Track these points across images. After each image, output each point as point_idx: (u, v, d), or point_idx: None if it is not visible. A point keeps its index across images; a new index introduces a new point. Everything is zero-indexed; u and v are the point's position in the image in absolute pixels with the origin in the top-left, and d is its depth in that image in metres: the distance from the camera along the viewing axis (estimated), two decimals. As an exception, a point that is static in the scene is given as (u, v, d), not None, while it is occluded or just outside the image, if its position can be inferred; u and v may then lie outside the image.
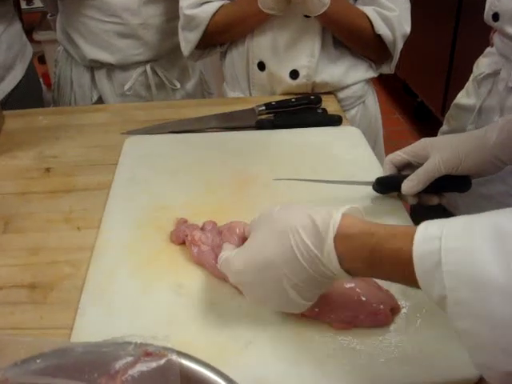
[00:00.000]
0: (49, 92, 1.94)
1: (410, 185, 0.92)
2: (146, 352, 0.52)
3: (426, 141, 0.94)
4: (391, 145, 1.38)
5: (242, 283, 0.72)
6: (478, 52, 1.36)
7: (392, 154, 0.97)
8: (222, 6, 1.34)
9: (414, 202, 0.95)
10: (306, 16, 1.28)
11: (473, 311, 0.49)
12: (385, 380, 0.67)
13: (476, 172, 0.91)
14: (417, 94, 3.51)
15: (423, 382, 0.68)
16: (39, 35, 2.87)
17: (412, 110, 3.64)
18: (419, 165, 0.92)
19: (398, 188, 0.93)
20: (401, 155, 0.96)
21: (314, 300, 0.69)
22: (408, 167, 0.97)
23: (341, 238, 0.61)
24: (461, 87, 1.40)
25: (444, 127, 1.43)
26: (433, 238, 0.52)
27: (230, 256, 0.71)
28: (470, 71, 1.37)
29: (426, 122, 3.45)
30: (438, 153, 0.90)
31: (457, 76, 2.96)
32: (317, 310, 0.72)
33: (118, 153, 1.13)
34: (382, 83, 3.86)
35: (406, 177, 0.92)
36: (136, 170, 1.06)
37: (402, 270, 0.55)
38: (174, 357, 0.52)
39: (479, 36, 1.34)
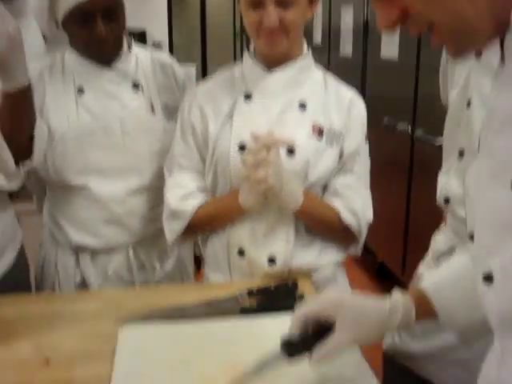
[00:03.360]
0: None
1: (318, 358, 0.98)
2: None
3: (327, 301, 1.02)
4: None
5: None
6: (432, 212, 1.51)
7: (296, 317, 1.02)
8: (204, 201, 1.49)
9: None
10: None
11: None
12: None
13: (371, 342, 1.02)
14: (376, 255, 3.68)
15: None
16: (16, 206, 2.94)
17: (375, 270, 3.81)
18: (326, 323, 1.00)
19: (305, 348, 1.01)
20: (302, 319, 1.02)
21: None
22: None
23: None
24: (418, 248, 1.51)
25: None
26: None
27: None
28: (426, 232, 1.52)
29: (388, 281, 3.58)
30: (342, 324, 0.98)
31: (413, 238, 3.15)
32: None
33: (113, 342, 1.20)
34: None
35: (312, 337, 1.00)
36: (134, 363, 1.13)
37: None
38: None
39: (431, 197, 1.47)
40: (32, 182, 1.86)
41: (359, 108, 1.52)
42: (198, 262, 2.24)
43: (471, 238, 0.77)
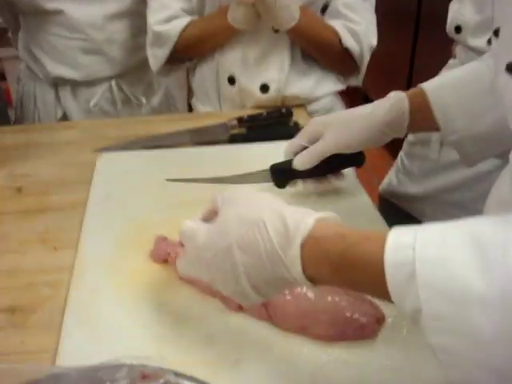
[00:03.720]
0: (10, 109, 1.91)
1: (301, 159, 0.93)
2: (143, 374, 0.52)
3: (317, 121, 0.96)
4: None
5: (200, 259, 0.66)
6: (438, 63, 1.38)
7: (288, 143, 0.98)
8: (190, 21, 1.34)
9: (317, 190, 0.98)
10: (276, 30, 1.29)
11: (451, 326, 0.45)
12: (375, 391, 0.67)
13: (366, 146, 0.94)
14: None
15: (412, 391, 0.68)
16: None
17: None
18: None
19: (294, 174, 0.96)
20: (296, 141, 0.97)
21: (269, 297, 0.65)
22: None
23: (310, 242, 0.56)
24: None
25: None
26: (405, 247, 0.48)
27: (197, 228, 0.67)
28: None
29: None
30: (329, 132, 0.92)
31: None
32: (305, 322, 0.72)
33: (91, 171, 1.11)
34: (345, 97, 3.89)
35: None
36: (111, 188, 1.05)
37: (373, 277, 0.51)
38: (172, 377, 0.52)
39: (438, 47, 1.36)
40: (5, 13, 1.70)
41: None
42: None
43: (495, 34, 0.68)
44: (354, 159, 0.98)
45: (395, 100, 0.90)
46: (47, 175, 1.13)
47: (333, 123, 0.93)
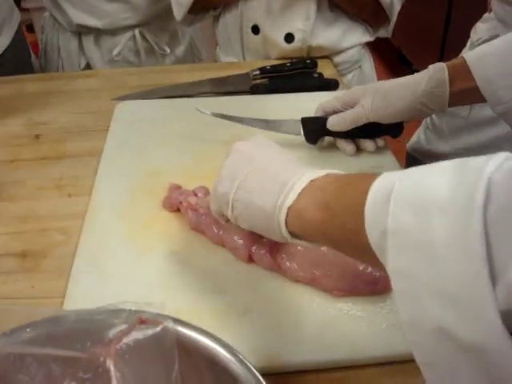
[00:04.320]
0: (37, 60, 1.90)
1: (336, 121, 0.93)
2: (141, 319, 0.50)
3: (357, 89, 0.94)
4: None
5: (227, 201, 0.64)
6: (474, 20, 1.32)
7: (324, 101, 0.97)
8: (214, -33, 1.30)
9: (352, 151, 0.97)
10: (302, -23, 1.24)
11: (411, 240, 0.40)
12: (385, 346, 0.66)
13: (403, 118, 0.92)
14: (412, 62, 3.47)
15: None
16: (27, 3, 2.79)
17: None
18: None
19: (326, 132, 0.95)
20: (331, 102, 0.96)
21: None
22: None
23: (304, 193, 0.55)
24: (455, 56, 1.38)
25: None
26: (390, 181, 0.44)
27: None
28: (465, 40, 1.34)
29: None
30: (367, 99, 0.90)
31: (451, 45, 2.92)
32: (316, 273, 0.71)
33: (109, 119, 1.09)
34: (377, 51, 3.81)
35: None
36: (127, 135, 1.03)
37: (355, 217, 0.46)
38: (170, 324, 0.50)
39: (475, 3, 1.30)
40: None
41: None
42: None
43: None
44: (392, 129, 0.97)
45: (434, 70, 0.86)
46: (65, 123, 1.12)
47: (372, 91, 0.91)
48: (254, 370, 0.48)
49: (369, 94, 0.91)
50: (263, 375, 0.48)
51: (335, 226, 0.51)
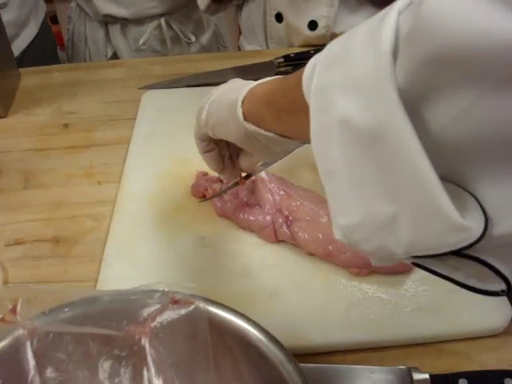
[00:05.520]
0: (61, 52, 1.92)
1: None
2: (174, 299, 0.52)
3: None
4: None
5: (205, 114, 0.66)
6: None
7: None
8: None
9: None
10: (325, -37, 1.24)
11: (333, 56, 0.41)
12: (410, 329, 0.67)
13: None
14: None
15: (449, 332, 0.67)
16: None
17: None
18: None
19: None
20: None
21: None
22: None
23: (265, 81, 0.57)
24: None
25: None
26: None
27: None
28: None
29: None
30: None
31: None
32: (331, 248, 0.72)
33: (136, 107, 1.11)
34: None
35: None
36: (155, 124, 1.05)
37: (296, 76, 0.47)
38: (202, 304, 0.52)
39: None
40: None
41: None
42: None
43: None
44: None
45: None
46: (93, 112, 1.14)
47: None
48: (286, 349, 0.49)
49: None
50: (291, 355, 0.49)
51: (279, 91, 0.52)
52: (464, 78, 0.31)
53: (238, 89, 0.61)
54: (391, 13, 0.36)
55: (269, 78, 0.58)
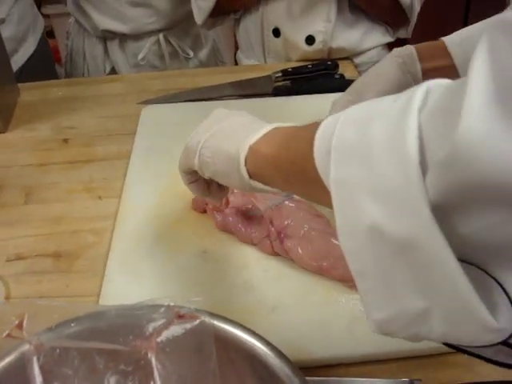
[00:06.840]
0: (59, 66, 1.93)
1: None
2: (179, 314, 0.52)
3: (362, 79, 0.92)
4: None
5: (195, 151, 0.66)
6: (493, 15, 1.33)
7: (337, 98, 0.93)
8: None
9: None
10: (322, -21, 1.26)
11: (352, 147, 0.41)
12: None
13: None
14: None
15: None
16: (47, 9, 2.81)
17: (425, 78, 3.60)
18: None
19: None
20: (344, 96, 0.92)
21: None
22: None
23: (266, 135, 0.57)
24: None
25: None
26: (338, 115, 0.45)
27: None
28: None
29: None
30: (370, 91, 0.88)
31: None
32: (325, 264, 0.73)
33: (135, 123, 1.12)
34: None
35: None
36: (154, 138, 1.06)
37: (306, 144, 0.46)
38: (207, 318, 0.52)
39: (493, 4, 1.30)
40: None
41: None
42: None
43: None
44: None
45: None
46: (92, 127, 1.14)
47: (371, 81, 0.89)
48: (292, 363, 0.49)
49: (369, 86, 0.89)
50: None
51: (288, 158, 0.52)
52: (497, 200, 0.33)
53: (232, 136, 0.60)
54: (412, 111, 0.37)
55: (268, 131, 0.57)
